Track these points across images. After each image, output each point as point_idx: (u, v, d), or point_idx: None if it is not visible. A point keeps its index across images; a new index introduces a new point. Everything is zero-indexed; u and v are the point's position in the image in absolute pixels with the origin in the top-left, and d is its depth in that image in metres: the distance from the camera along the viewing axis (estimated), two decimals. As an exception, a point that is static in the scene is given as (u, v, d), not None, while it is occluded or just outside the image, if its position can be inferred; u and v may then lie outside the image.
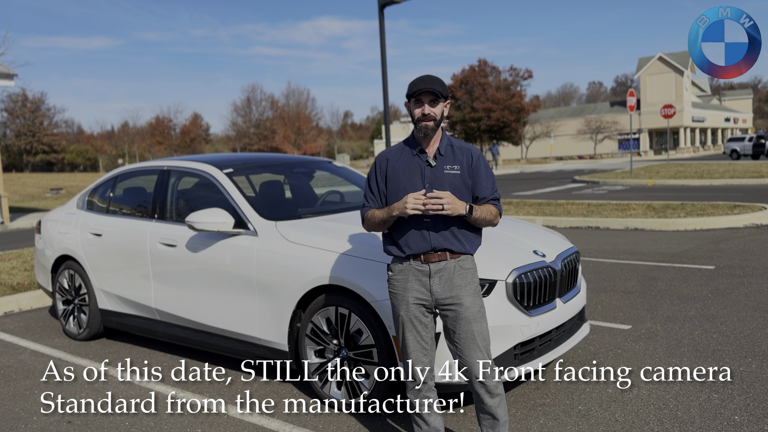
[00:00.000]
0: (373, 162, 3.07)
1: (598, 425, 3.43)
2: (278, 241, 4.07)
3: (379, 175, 3.02)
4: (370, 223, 3.01)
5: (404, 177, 2.94)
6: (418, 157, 2.95)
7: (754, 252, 8.01)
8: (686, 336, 4.84)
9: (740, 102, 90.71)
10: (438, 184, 2.90)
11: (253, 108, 79.68)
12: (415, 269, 2.94)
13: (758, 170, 22.48)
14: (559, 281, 3.88)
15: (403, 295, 2.96)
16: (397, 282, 2.98)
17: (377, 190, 3.03)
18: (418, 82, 2.87)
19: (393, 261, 3.04)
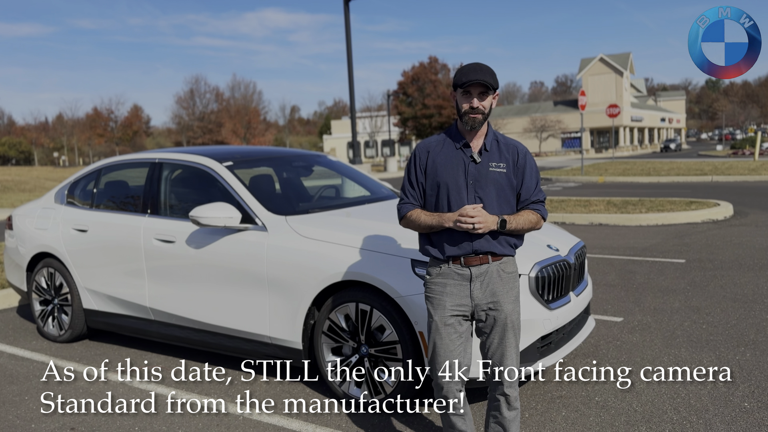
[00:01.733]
0: (411, 153, 2.88)
1: (618, 415, 3.49)
2: (290, 236, 3.97)
3: (419, 168, 2.83)
4: (412, 224, 2.82)
5: (446, 172, 2.76)
6: (461, 152, 2.77)
7: (718, 246, 8.36)
8: (677, 327, 4.99)
9: (674, 103, 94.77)
10: (482, 182, 2.75)
11: (197, 100, 77.82)
12: (455, 273, 2.76)
13: (701, 168, 23.51)
14: (573, 275, 3.94)
15: (440, 300, 2.77)
16: (435, 286, 2.80)
17: (417, 184, 2.84)
18: (468, 72, 2.68)
19: (430, 263, 2.85)
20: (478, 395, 3.72)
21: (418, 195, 2.86)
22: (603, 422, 3.42)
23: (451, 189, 2.75)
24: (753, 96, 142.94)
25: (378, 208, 4.63)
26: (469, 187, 2.75)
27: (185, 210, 4.56)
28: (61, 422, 3.73)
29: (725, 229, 9.84)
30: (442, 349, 2.77)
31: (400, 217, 2.92)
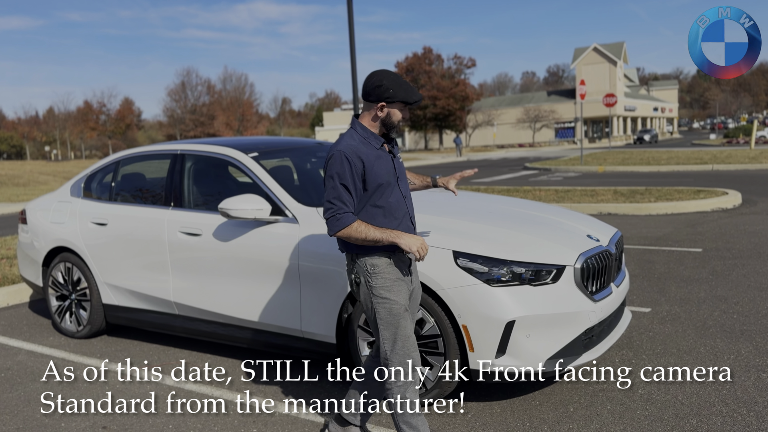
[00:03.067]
0: (339, 161, 2.75)
1: (666, 408, 3.42)
2: (323, 228, 3.86)
3: (356, 174, 2.77)
4: (354, 236, 2.75)
5: (383, 173, 2.84)
6: (383, 152, 2.90)
7: (732, 235, 8.31)
8: (708, 317, 4.93)
9: (667, 92, 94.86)
10: (402, 174, 2.99)
11: (189, 93, 77.28)
12: (401, 261, 2.90)
13: (700, 157, 23.53)
14: (614, 265, 3.86)
15: (399, 286, 2.86)
16: (388, 274, 2.84)
17: (354, 190, 2.78)
18: (414, 92, 2.88)
19: (378, 255, 2.83)
20: (476, 394, 3.64)
21: (354, 202, 2.81)
22: (651, 416, 3.35)
23: (388, 187, 2.86)
24: (745, 85, 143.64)
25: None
26: (398, 182, 2.93)
27: (210, 202, 4.45)
28: (91, 420, 3.63)
29: (736, 217, 9.80)
30: (410, 332, 2.86)
31: (340, 226, 2.76)
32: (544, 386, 3.80)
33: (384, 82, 2.79)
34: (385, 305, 2.81)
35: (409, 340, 2.83)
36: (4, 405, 3.91)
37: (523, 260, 3.40)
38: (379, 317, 2.82)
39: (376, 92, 2.80)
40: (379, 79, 2.80)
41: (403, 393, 2.82)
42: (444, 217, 3.89)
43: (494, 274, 3.35)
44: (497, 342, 3.29)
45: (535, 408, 3.52)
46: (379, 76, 2.82)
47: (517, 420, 3.39)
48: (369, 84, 2.83)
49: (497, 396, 3.69)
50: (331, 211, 2.77)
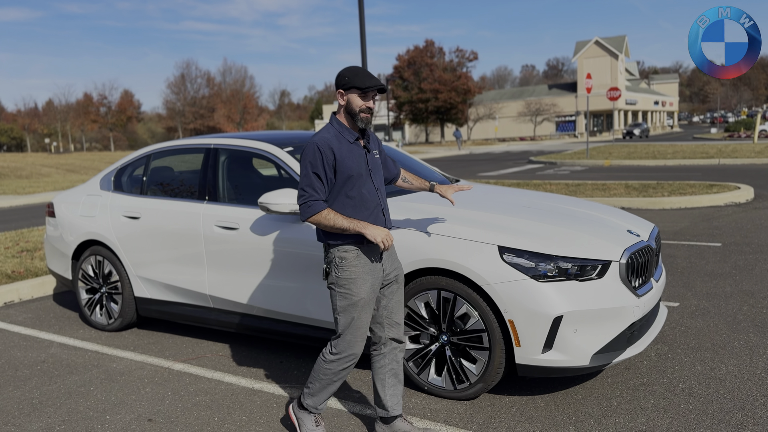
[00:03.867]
0: (312, 151, 2.94)
1: (709, 402, 3.45)
2: (364, 222, 3.86)
3: (327, 164, 2.94)
4: (323, 222, 2.93)
5: (354, 165, 2.99)
6: (356, 146, 3.04)
7: (749, 230, 8.34)
8: (737, 312, 4.96)
9: (667, 86, 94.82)
10: (375, 168, 3.11)
11: (188, 85, 77.04)
12: (372, 251, 3.03)
13: (705, 151, 23.54)
14: (654, 261, 3.88)
15: (364, 278, 3.00)
16: (355, 267, 2.99)
17: (326, 179, 2.95)
18: (371, 78, 2.99)
19: (344, 247, 2.99)
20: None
21: (325, 190, 2.98)
22: (695, 410, 3.37)
23: (359, 179, 3.00)
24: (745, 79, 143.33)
25: (442, 193, 4.53)
26: (371, 175, 3.07)
27: (246, 196, 4.46)
28: (136, 413, 3.65)
29: (750, 212, 9.82)
30: (366, 321, 3.04)
31: (311, 213, 2.94)
32: (584, 380, 3.82)
33: (343, 73, 3.02)
34: (346, 296, 3.00)
35: (359, 330, 3.03)
36: (46, 398, 3.93)
37: (569, 255, 3.41)
38: (340, 306, 3.02)
39: (337, 82, 3.04)
40: (340, 72, 3.04)
41: (337, 366, 3.06)
42: (485, 212, 3.90)
43: (541, 270, 3.37)
44: (544, 337, 3.31)
45: (578, 402, 3.54)
46: (342, 70, 3.06)
47: (562, 414, 3.41)
48: (335, 79, 3.07)
49: (538, 390, 3.71)
50: (303, 198, 2.96)
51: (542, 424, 3.30)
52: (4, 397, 3.97)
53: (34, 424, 3.57)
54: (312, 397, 3.17)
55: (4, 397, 3.97)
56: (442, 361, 3.65)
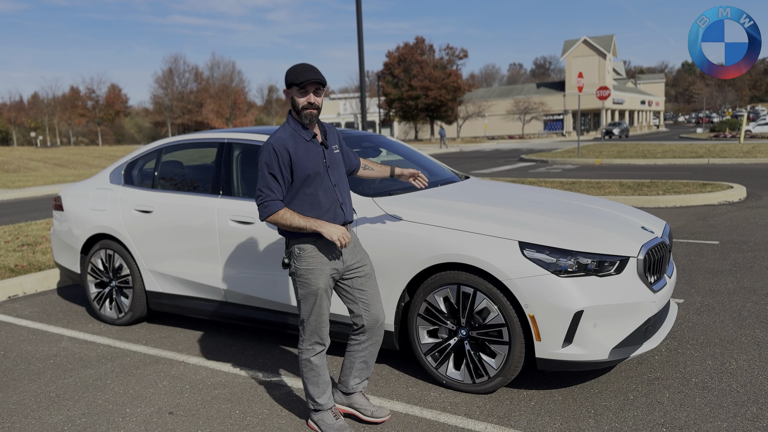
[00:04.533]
0: (267, 152, 3.02)
1: (723, 396, 3.52)
2: (382, 217, 3.90)
3: (283, 165, 3.02)
4: (281, 222, 3.03)
5: (310, 164, 3.06)
6: (313, 143, 3.10)
7: (745, 228, 8.47)
8: (742, 308, 5.05)
9: (654, 85, 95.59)
10: (334, 164, 3.18)
11: (176, 80, 76.50)
12: (328, 245, 3.13)
13: (695, 151, 23.80)
14: (667, 257, 3.94)
15: (322, 269, 3.12)
16: (313, 258, 3.10)
17: (282, 179, 3.03)
18: (304, 72, 3.01)
19: (303, 240, 3.09)
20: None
21: (283, 190, 3.06)
22: (711, 403, 3.44)
23: (316, 177, 3.08)
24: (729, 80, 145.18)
25: (456, 189, 4.58)
26: (329, 172, 3.13)
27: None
28: (156, 406, 3.65)
29: (744, 211, 9.98)
30: (326, 309, 3.18)
31: (268, 213, 3.03)
32: (598, 375, 3.88)
33: (286, 72, 3.12)
34: (305, 285, 3.13)
35: (321, 317, 3.18)
36: (63, 391, 3.92)
37: (589, 251, 3.47)
38: (301, 294, 3.16)
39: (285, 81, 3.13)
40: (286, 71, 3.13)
41: (308, 354, 3.21)
42: (501, 208, 3.95)
43: (561, 265, 3.42)
44: (565, 331, 3.36)
45: (595, 396, 3.60)
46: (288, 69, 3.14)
47: (581, 407, 3.47)
48: None
49: (554, 384, 3.77)
50: (261, 198, 3.04)
51: (562, 417, 3.35)
52: (20, 390, 3.96)
53: (54, 417, 3.57)
54: (314, 398, 3.25)
55: (20, 390, 3.96)
56: (460, 355, 3.69)
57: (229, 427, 3.38)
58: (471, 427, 3.28)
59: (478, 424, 3.30)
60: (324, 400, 3.25)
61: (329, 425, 3.22)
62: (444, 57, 54.77)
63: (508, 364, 3.52)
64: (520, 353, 3.49)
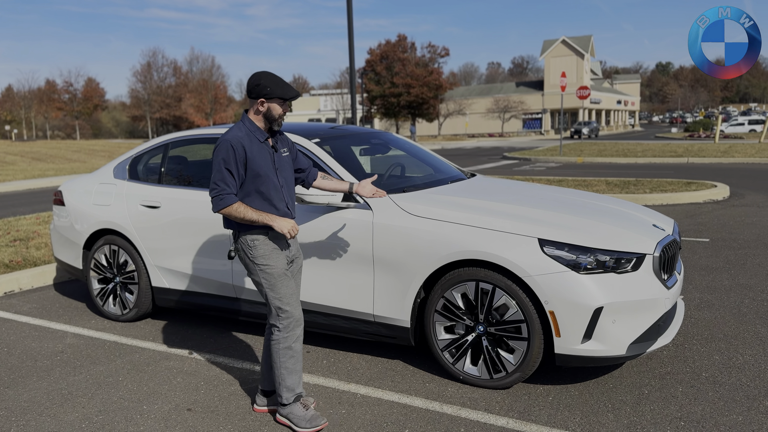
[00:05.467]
0: (225, 148, 3.18)
1: (735, 390, 3.60)
2: (399, 215, 3.91)
3: (239, 162, 3.20)
4: (234, 214, 3.19)
5: (262, 163, 3.25)
6: (265, 145, 3.29)
7: (732, 226, 8.65)
8: (740, 304, 5.17)
9: (629, 86, 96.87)
10: (282, 166, 3.37)
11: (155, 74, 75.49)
12: (278, 236, 3.34)
13: (674, 150, 24.20)
14: (677, 254, 4.02)
15: (279, 254, 3.33)
16: (267, 245, 3.30)
17: (237, 175, 3.20)
18: (291, 89, 3.28)
19: (254, 232, 3.27)
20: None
21: (236, 185, 3.23)
22: (724, 397, 3.52)
23: (267, 176, 3.26)
24: (702, 81, 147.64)
25: (467, 186, 4.62)
26: (277, 173, 3.32)
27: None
28: (173, 403, 3.63)
29: (729, 209, 10.19)
30: (292, 290, 3.33)
31: (223, 205, 3.19)
32: (611, 370, 3.94)
33: (262, 81, 3.23)
34: (266, 271, 3.28)
35: (292, 295, 3.31)
36: (75, 388, 3.87)
37: (607, 248, 3.52)
38: (263, 280, 3.29)
39: (256, 90, 3.23)
40: (257, 79, 3.24)
41: (287, 342, 3.29)
42: (517, 206, 3.99)
43: (581, 262, 3.47)
44: (584, 327, 3.41)
45: (610, 390, 3.66)
46: (258, 76, 3.25)
47: (598, 402, 3.53)
48: (250, 83, 3.27)
49: (569, 380, 3.82)
50: (216, 191, 3.20)
51: (581, 412, 3.41)
52: (30, 387, 3.91)
53: (69, 414, 3.52)
54: (292, 389, 3.31)
55: (30, 387, 3.90)
56: (477, 351, 3.73)
57: (250, 423, 3.37)
58: (493, 422, 3.32)
59: (499, 419, 3.34)
60: (300, 388, 3.35)
61: (300, 417, 3.28)
62: (426, 55, 54.93)
63: (527, 360, 3.56)
64: (539, 349, 3.54)
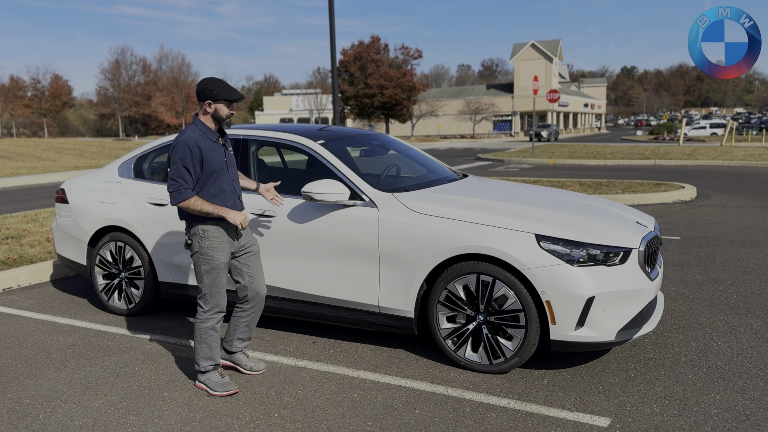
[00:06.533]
0: (183, 149, 3.56)
1: (711, 373, 3.95)
2: (404, 212, 4.17)
3: (196, 160, 3.59)
4: (192, 207, 3.58)
5: (216, 161, 3.66)
6: (217, 144, 3.72)
7: (700, 225, 9.13)
8: (712, 296, 5.56)
9: (596, 89, 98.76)
10: (231, 163, 3.82)
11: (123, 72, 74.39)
12: (228, 227, 3.74)
13: (641, 152, 24.96)
14: (658, 249, 4.37)
15: (223, 247, 3.72)
16: (216, 238, 3.69)
17: (194, 172, 3.60)
18: (235, 92, 3.68)
19: (207, 223, 3.67)
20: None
21: (193, 181, 3.62)
22: (702, 379, 3.87)
23: (220, 173, 3.69)
24: (665, 85, 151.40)
25: (464, 186, 4.89)
26: (228, 168, 3.76)
27: (280, 185, 4.66)
28: (192, 390, 3.82)
29: (696, 209, 10.70)
30: (222, 282, 3.76)
31: (180, 199, 3.58)
32: (599, 356, 4.26)
33: (209, 85, 3.63)
34: (208, 261, 3.68)
35: (221, 289, 3.76)
36: (94, 377, 4.04)
37: (597, 243, 3.84)
38: (203, 269, 3.71)
39: (204, 93, 3.64)
40: (205, 83, 3.65)
41: (211, 323, 3.77)
42: (516, 204, 4.28)
43: (575, 256, 3.78)
44: (578, 315, 3.72)
45: (600, 374, 3.98)
46: (205, 81, 3.66)
47: (589, 384, 3.83)
48: (198, 87, 3.67)
49: (562, 365, 4.13)
50: (175, 186, 3.58)
51: (575, 393, 3.71)
52: (49, 378, 4.05)
53: (93, 401, 3.69)
54: (205, 358, 3.77)
55: (49, 378, 4.05)
56: (477, 338, 4.01)
57: (269, 407, 3.59)
58: (495, 402, 3.60)
59: (501, 400, 3.62)
60: (218, 359, 3.82)
61: (216, 383, 3.75)
62: (399, 56, 55.41)
63: (524, 346, 3.85)
64: (536, 336, 3.84)
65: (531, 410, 3.50)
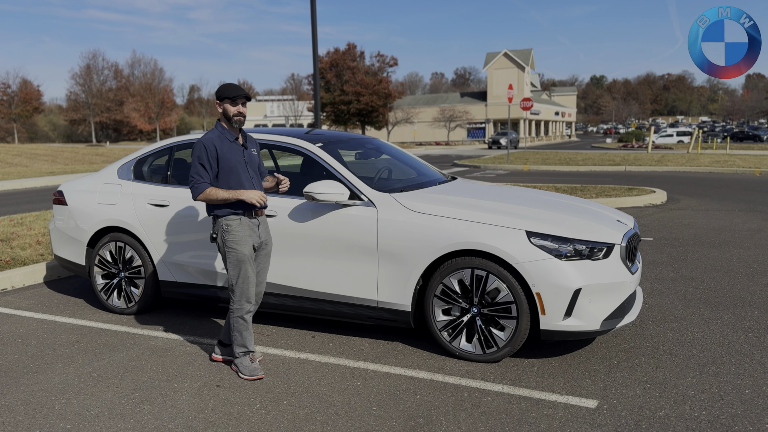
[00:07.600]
0: (200, 147, 3.91)
1: (688, 359, 4.25)
2: (402, 211, 4.40)
3: (212, 158, 3.93)
4: (210, 197, 3.90)
5: (233, 159, 3.98)
6: (236, 144, 4.03)
7: (671, 227, 9.54)
8: (686, 292, 5.89)
9: (567, 98, 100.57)
10: (251, 161, 4.09)
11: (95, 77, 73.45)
12: (249, 221, 4.03)
13: (612, 159, 25.62)
14: (638, 245, 4.67)
15: (246, 240, 3.99)
16: (239, 231, 3.97)
17: (210, 169, 3.92)
18: (236, 89, 3.98)
19: (230, 217, 3.95)
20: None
21: (210, 177, 3.95)
22: (680, 365, 4.16)
23: (237, 170, 3.98)
24: (633, 93, 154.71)
25: (455, 187, 5.15)
26: (247, 166, 4.05)
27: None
28: (201, 381, 3.99)
29: (667, 212, 11.14)
30: (252, 274, 4.03)
31: (198, 192, 3.92)
32: (584, 345, 4.54)
33: (218, 89, 4.01)
34: (233, 253, 3.96)
35: (248, 279, 3.99)
36: (103, 371, 4.17)
37: (583, 239, 4.12)
38: (229, 261, 3.99)
39: (216, 97, 4.02)
40: (217, 89, 4.03)
41: (239, 313, 4.02)
42: (506, 204, 4.55)
43: (562, 251, 4.05)
44: (566, 306, 3.99)
45: (585, 362, 4.25)
46: (219, 86, 4.03)
47: (576, 371, 4.10)
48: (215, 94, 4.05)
49: (549, 353, 4.39)
50: (193, 182, 3.92)
51: (564, 379, 3.97)
52: (59, 372, 4.18)
53: (105, 393, 3.83)
54: (238, 345, 4.06)
55: (58, 372, 4.18)
56: (471, 329, 4.25)
57: (277, 396, 3.78)
58: (490, 388, 3.84)
59: (495, 386, 3.87)
60: (252, 346, 4.09)
61: (245, 367, 4.04)
62: (375, 64, 55.83)
63: (516, 336, 4.11)
64: (526, 326, 4.09)
65: (524, 394, 3.75)
